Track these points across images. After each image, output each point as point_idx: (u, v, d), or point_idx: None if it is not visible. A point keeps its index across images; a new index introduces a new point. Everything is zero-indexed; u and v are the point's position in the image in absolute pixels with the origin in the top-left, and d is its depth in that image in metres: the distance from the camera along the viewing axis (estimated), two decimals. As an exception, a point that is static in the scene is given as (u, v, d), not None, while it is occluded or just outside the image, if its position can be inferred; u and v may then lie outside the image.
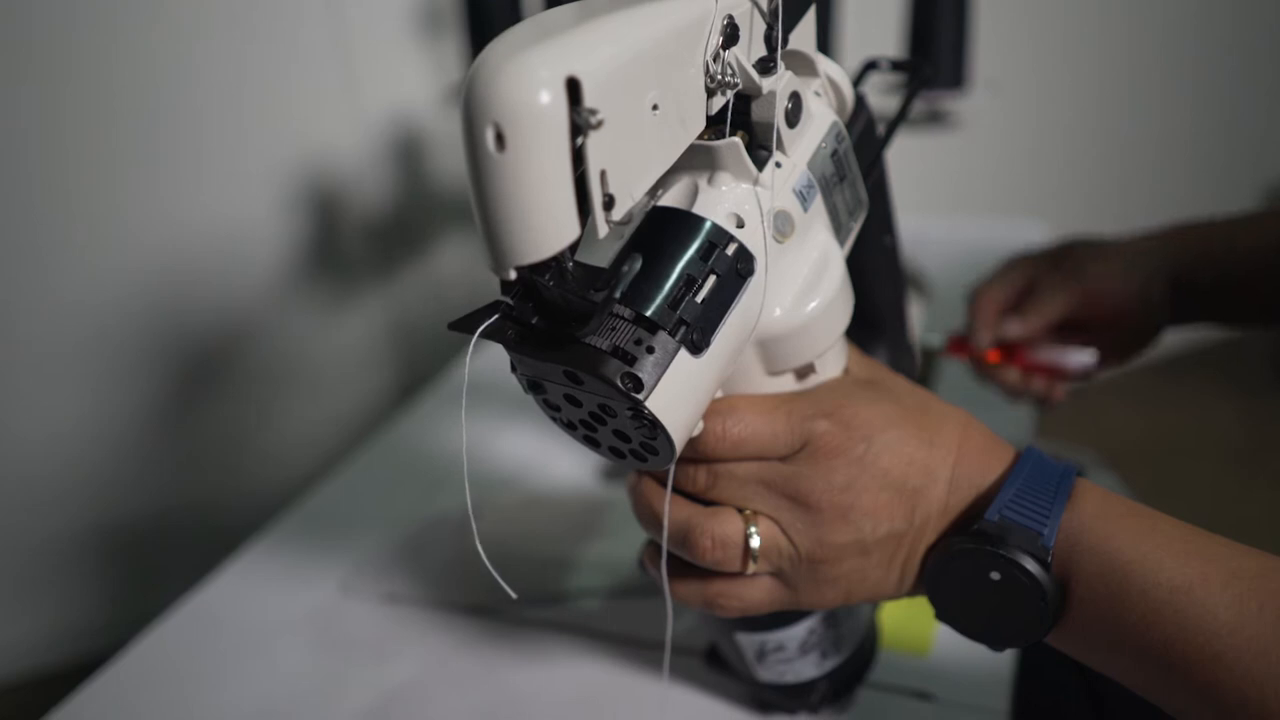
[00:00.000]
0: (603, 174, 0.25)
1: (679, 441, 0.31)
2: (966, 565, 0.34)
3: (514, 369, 0.32)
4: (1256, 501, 1.66)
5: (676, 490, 0.37)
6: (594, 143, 0.24)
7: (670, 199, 0.34)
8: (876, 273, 0.46)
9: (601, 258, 0.31)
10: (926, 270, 1.02)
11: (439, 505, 0.69)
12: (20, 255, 1.15)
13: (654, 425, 0.30)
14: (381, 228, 1.37)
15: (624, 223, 0.27)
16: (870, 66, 0.47)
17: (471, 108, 0.24)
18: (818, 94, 0.39)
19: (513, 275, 0.26)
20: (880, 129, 0.43)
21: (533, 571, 0.60)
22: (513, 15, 0.89)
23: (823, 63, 0.39)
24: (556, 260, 0.27)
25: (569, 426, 0.34)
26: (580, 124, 0.24)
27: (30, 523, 1.29)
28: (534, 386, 0.33)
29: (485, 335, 0.29)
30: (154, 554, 1.38)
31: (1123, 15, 1.72)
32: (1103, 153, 1.87)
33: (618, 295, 0.28)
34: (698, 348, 0.30)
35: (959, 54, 0.90)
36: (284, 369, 1.37)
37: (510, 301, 0.29)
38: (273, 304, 1.32)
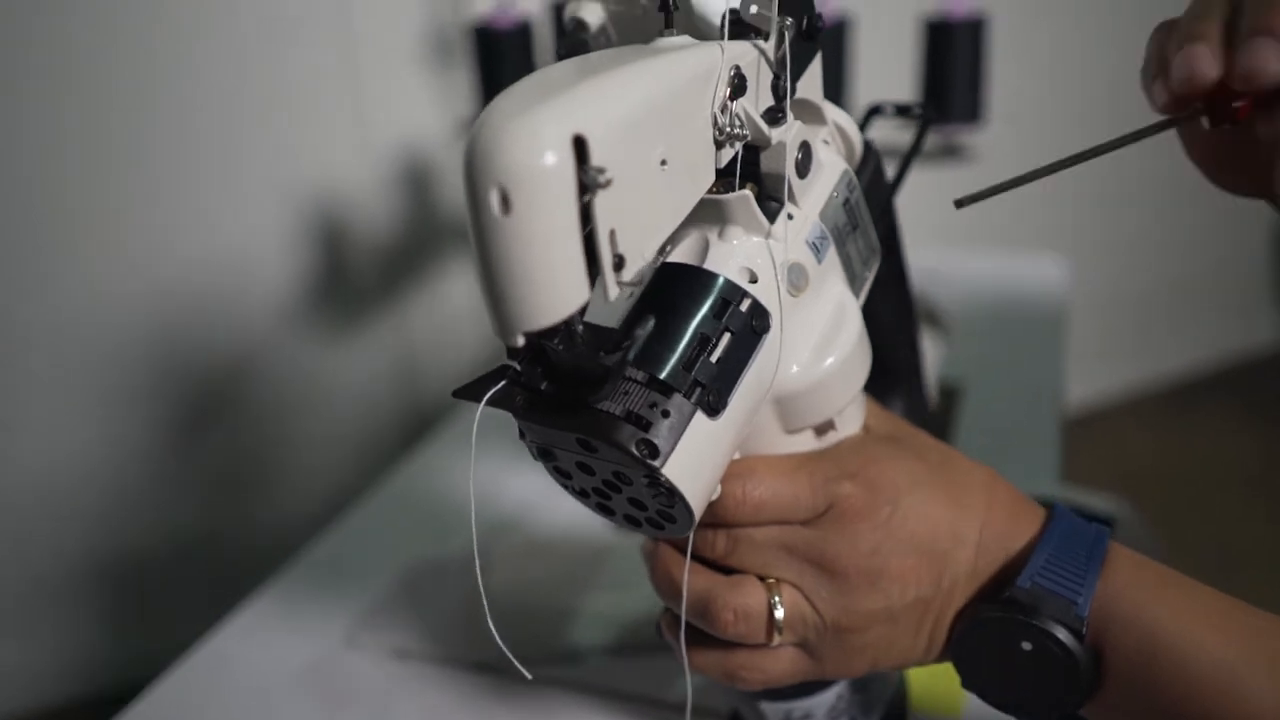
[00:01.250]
0: (612, 233, 0.24)
1: (698, 508, 0.29)
2: (996, 634, 0.32)
3: (522, 435, 0.31)
4: (1276, 530, 1.63)
5: (695, 557, 0.35)
6: (602, 202, 0.23)
7: (680, 255, 0.33)
8: (889, 320, 0.45)
9: (609, 316, 0.30)
10: (942, 305, 1.01)
11: (449, 548, 0.68)
12: (30, 281, 1.15)
13: (671, 493, 0.28)
14: (390, 258, 1.37)
15: (635, 283, 0.26)
16: (875, 111, 0.46)
17: (475, 169, 0.23)
18: (826, 142, 0.38)
19: (521, 342, 0.25)
20: (892, 169, 0.42)
21: (542, 626, 0.58)
22: (523, 47, 0.89)
23: (830, 110, 0.38)
24: (566, 324, 0.26)
25: (581, 494, 0.33)
26: (588, 183, 0.23)
27: (32, 552, 1.28)
28: (544, 454, 0.31)
29: (492, 403, 0.28)
30: (158, 585, 1.37)
31: (1138, 48, 1.71)
32: (1119, 185, 1.86)
33: (631, 358, 0.27)
34: (714, 409, 0.29)
35: (975, 88, 0.89)
36: (291, 398, 1.36)
37: (518, 366, 0.28)
38: (280, 333, 1.31)
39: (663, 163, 0.26)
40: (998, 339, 0.95)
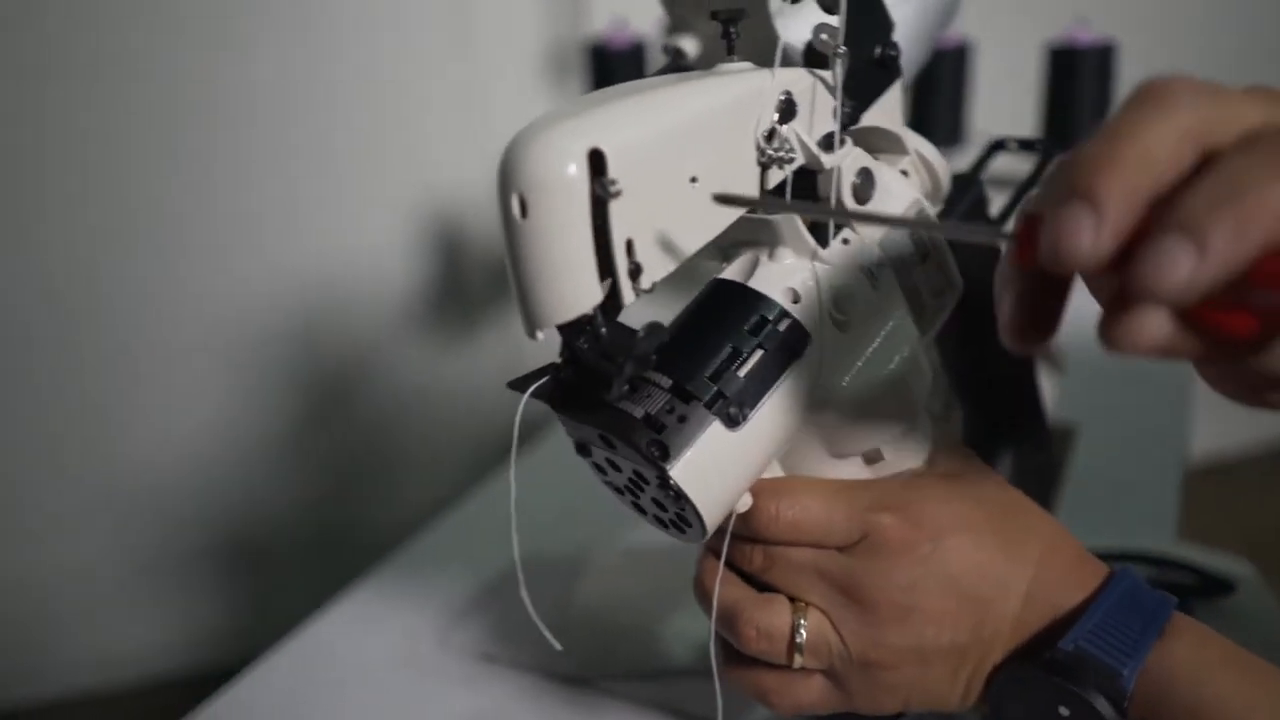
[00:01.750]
0: (629, 243, 0.26)
1: (707, 515, 0.30)
2: (1034, 694, 0.31)
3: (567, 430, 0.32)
4: None
5: (735, 569, 0.36)
6: (617, 212, 0.25)
7: (731, 271, 0.34)
8: (1002, 363, 0.44)
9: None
10: (1056, 339, 0.96)
11: (546, 553, 0.67)
12: (180, 277, 1.27)
13: (680, 497, 0.29)
14: (503, 269, 1.42)
15: (648, 290, 0.27)
16: (997, 146, 0.45)
17: (502, 177, 0.25)
18: (904, 172, 0.38)
19: (540, 337, 0.27)
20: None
21: (626, 640, 0.57)
22: (635, 65, 0.92)
23: (913, 140, 0.38)
24: (590, 323, 0.27)
25: (617, 491, 0.34)
26: (601, 194, 0.24)
27: (157, 528, 1.39)
28: (581, 449, 0.33)
29: (535, 395, 0.30)
30: (270, 567, 1.46)
31: (1270, 76, 1.59)
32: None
33: (627, 361, 0.28)
34: (734, 421, 0.30)
35: (1101, 116, 0.86)
36: (406, 397, 1.43)
37: (559, 363, 0.30)
38: (400, 335, 1.39)
39: (693, 180, 0.28)
40: (1117, 379, 0.90)
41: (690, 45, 0.39)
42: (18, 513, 1.31)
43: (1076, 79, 0.85)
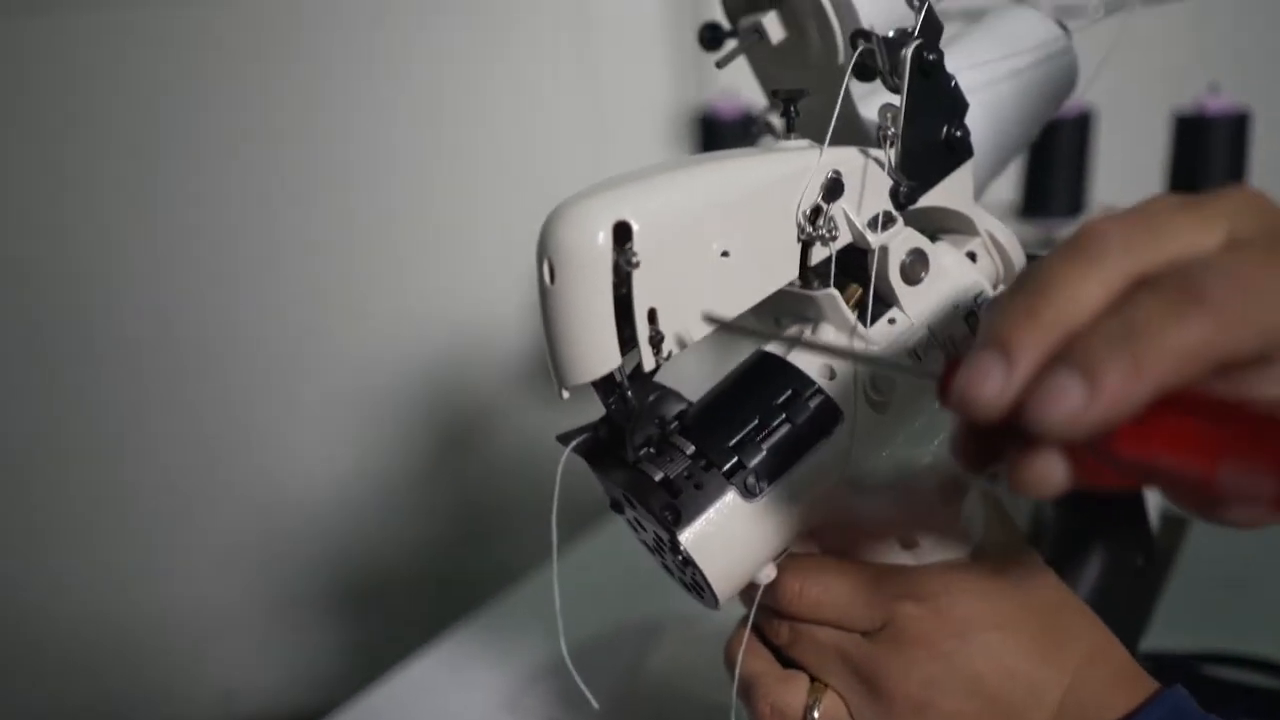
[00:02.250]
0: (652, 311, 0.27)
1: (716, 584, 0.30)
2: None
3: None
4: None
5: (765, 639, 0.36)
6: (640, 282, 0.26)
7: (773, 345, 0.34)
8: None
9: None
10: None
11: (626, 621, 0.67)
12: (319, 327, 1.36)
13: (689, 562, 0.30)
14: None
15: (665, 359, 0.28)
16: None
17: (538, 245, 0.27)
18: (972, 254, 0.38)
19: (566, 396, 0.28)
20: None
21: (694, 712, 0.57)
22: (744, 136, 0.93)
23: (985, 221, 0.38)
24: (619, 386, 0.28)
25: (649, 550, 0.35)
26: (624, 264, 0.26)
27: (278, 573, 1.47)
28: (615, 505, 0.34)
29: (575, 450, 0.31)
30: (384, 612, 1.52)
31: None
32: None
33: (635, 421, 0.29)
34: (750, 493, 0.30)
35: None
36: (517, 451, 1.48)
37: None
38: (512, 389, 1.44)
39: (724, 254, 0.29)
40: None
41: (774, 28, 0.37)
42: (150, 554, 1.42)
43: (1206, 149, 0.81)
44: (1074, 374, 0.19)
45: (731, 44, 0.38)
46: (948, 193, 0.38)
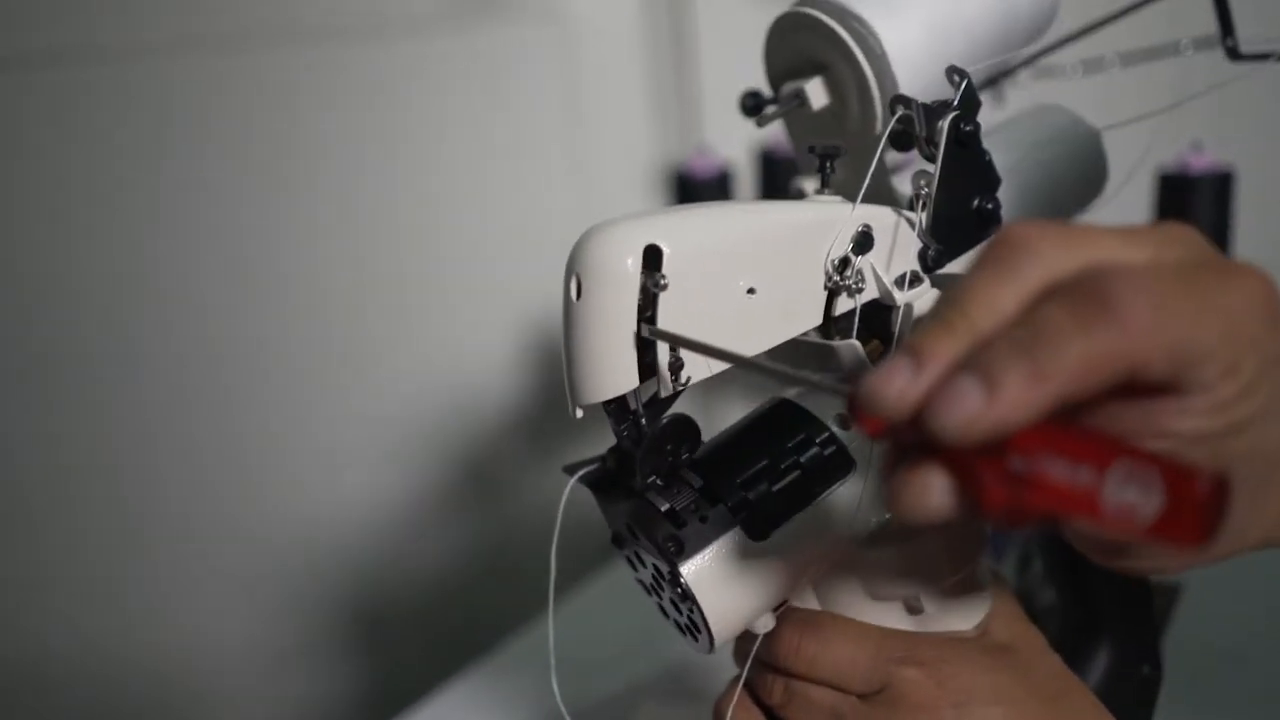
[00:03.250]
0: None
1: (714, 623, 0.30)
2: None
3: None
4: None
5: (757, 700, 0.35)
6: (665, 306, 0.26)
7: (794, 392, 0.34)
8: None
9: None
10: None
11: (644, 669, 0.65)
12: (348, 378, 1.38)
13: (688, 598, 0.29)
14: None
15: (683, 386, 0.28)
16: None
17: (568, 263, 0.27)
18: None
19: (579, 415, 0.28)
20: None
21: None
22: (720, 195, 0.93)
23: None
24: (633, 414, 0.29)
25: (645, 590, 0.34)
26: (650, 287, 0.26)
27: (300, 615, 1.46)
28: (616, 540, 0.34)
29: (581, 480, 0.31)
30: (392, 655, 1.50)
31: None
32: None
33: (643, 445, 0.29)
34: (755, 532, 0.30)
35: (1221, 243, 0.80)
36: (521, 500, 1.47)
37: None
38: (514, 440, 1.44)
39: (750, 291, 0.29)
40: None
41: (816, 94, 0.38)
42: (156, 598, 1.42)
43: (1191, 208, 0.79)
44: (974, 378, 0.19)
45: (771, 109, 0.39)
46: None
